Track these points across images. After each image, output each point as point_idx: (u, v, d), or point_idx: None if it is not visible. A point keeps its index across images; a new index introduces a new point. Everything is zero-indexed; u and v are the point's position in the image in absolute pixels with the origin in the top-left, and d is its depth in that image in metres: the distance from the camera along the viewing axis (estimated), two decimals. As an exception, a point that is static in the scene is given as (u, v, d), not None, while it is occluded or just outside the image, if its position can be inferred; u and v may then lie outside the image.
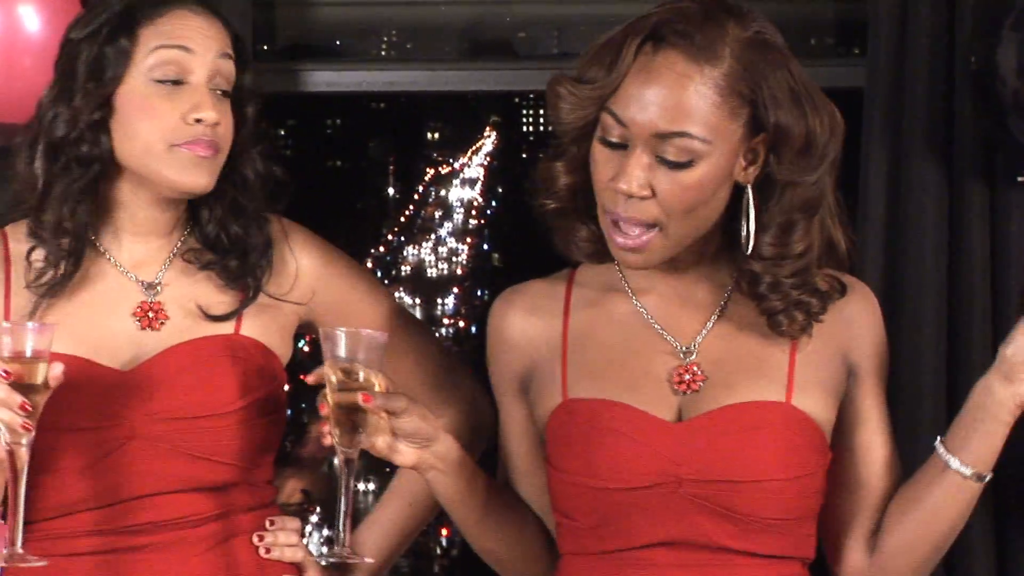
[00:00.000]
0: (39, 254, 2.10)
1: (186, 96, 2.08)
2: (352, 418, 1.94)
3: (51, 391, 1.91)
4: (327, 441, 1.95)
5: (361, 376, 1.94)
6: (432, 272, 7.43)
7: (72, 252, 2.09)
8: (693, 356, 2.02)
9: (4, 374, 1.86)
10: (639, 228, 1.94)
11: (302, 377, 1.98)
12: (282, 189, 2.21)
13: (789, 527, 1.98)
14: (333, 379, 1.94)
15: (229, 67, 2.13)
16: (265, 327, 2.17)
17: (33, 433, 1.89)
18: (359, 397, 1.92)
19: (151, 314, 2.12)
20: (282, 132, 6.46)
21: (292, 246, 2.22)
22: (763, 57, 1.92)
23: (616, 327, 2.06)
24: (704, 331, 2.04)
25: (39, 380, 1.89)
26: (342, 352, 1.94)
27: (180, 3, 2.11)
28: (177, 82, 2.08)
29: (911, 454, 2.19)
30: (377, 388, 1.93)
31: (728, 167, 1.94)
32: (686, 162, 1.91)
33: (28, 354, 1.88)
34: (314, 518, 4.56)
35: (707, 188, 1.93)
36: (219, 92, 2.11)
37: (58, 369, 1.91)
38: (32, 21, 2.89)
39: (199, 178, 2.10)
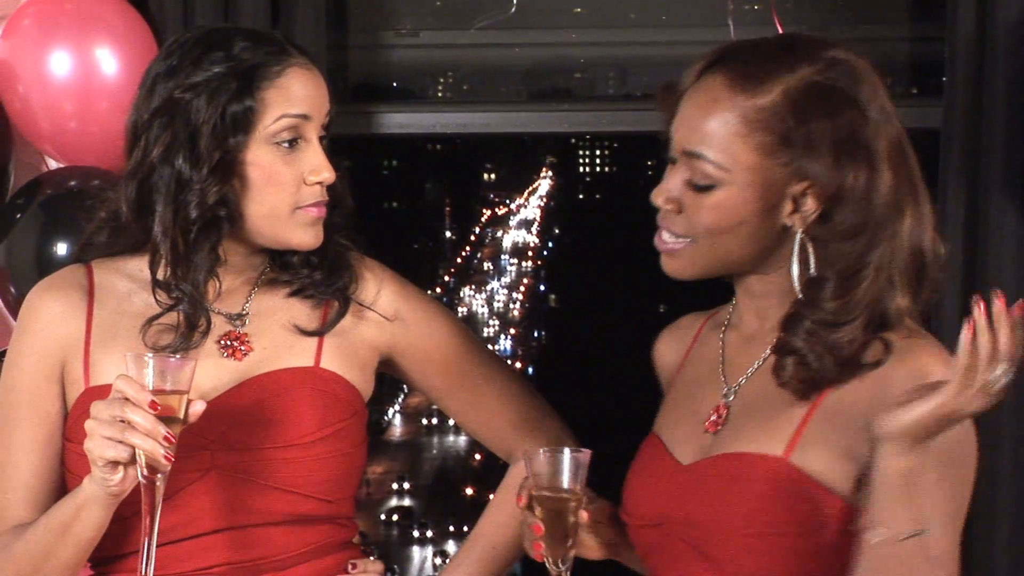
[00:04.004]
0: (168, 317, 2.09)
1: (302, 156, 2.09)
2: (562, 528, 1.96)
3: (187, 425, 1.90)
4: (539, 557, 1.98)
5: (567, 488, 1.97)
6: (488, 313, 7.42)
7: (208, 315, 2.09)
8: (731, 397, 2.00)
9: (152, 406, 1.86)
10: (672, 238, 1.94)
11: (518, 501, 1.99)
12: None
13: None
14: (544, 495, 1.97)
15: (327, 120, 2.14)
16: (345, 360, 2.16)
17: (170, 466, 1.88)
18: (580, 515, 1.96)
19: (235, 343, 2.12)
20: (339, 173, 6.47)
21: (372, 270, 2.23)
22: (819, 103, 1.85)
23: (698, 362, 2.07)
24: (750, 372, 2.00)
25: (180, 413, 1.88)
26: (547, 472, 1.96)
27: (295, 59, 2.10)
28: (293, 142, 2.09)
29: (989, 508, 2.15)
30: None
31: (758, 203, 1.88)
32: (707, 186, 1.90)
33: (168, 387, 1.88)
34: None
35: (728, 216, 1.89)
36: (324, 143, 2.12)
37: (199, 406, 1.90)
38: (109, 64, 2.91)
39: (316, 238, 2.11)
